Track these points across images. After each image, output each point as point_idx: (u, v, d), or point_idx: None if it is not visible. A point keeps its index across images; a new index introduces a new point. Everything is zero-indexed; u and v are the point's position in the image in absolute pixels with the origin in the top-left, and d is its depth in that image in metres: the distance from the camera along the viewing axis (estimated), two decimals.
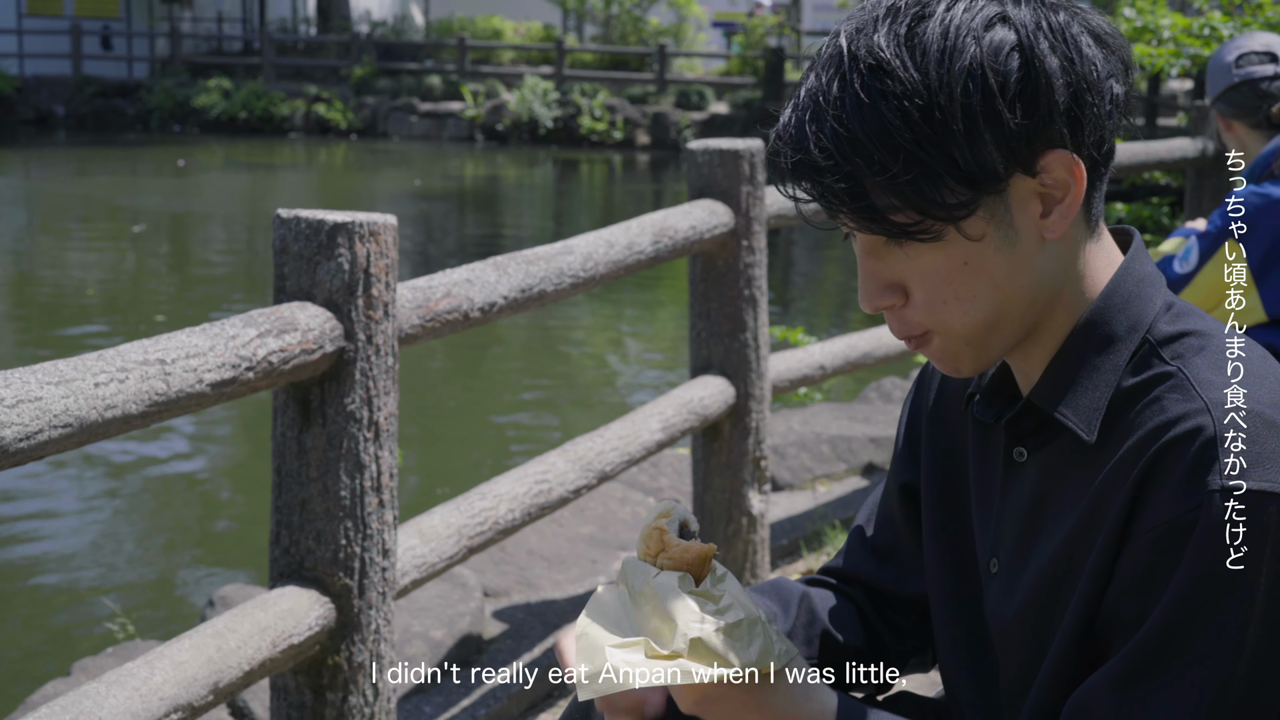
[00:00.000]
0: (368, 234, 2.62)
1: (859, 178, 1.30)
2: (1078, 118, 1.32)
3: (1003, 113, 1.29)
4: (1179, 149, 6.34)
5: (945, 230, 1.32)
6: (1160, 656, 1.29)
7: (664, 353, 10.80)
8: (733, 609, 1.33)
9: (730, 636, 1.32)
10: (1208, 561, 1.27)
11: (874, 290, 1.39)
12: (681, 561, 1.35)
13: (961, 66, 1.28)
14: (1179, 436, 1.29)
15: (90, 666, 3.85)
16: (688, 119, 27.13)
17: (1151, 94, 18.49)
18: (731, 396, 4.12)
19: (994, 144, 1.30)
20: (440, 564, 2.99)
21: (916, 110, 1.28)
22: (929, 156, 1.29)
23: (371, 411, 2.67)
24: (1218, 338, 1.37)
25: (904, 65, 1.29)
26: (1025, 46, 1.30)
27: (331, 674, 2.70)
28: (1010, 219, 1.34)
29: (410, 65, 30.30)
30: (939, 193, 1.30)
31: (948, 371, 1.43)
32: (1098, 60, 1.34)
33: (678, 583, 1.34)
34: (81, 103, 30.14)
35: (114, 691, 2.24)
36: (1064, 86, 1.31)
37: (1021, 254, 1.35)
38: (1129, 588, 1.31)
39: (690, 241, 3.87)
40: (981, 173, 1.30)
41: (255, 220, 17.73)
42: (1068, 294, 1.40)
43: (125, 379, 2.16)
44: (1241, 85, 3.57)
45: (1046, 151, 1.32)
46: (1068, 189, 1.34)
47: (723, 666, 1.31)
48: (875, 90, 1.29)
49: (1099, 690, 1.32)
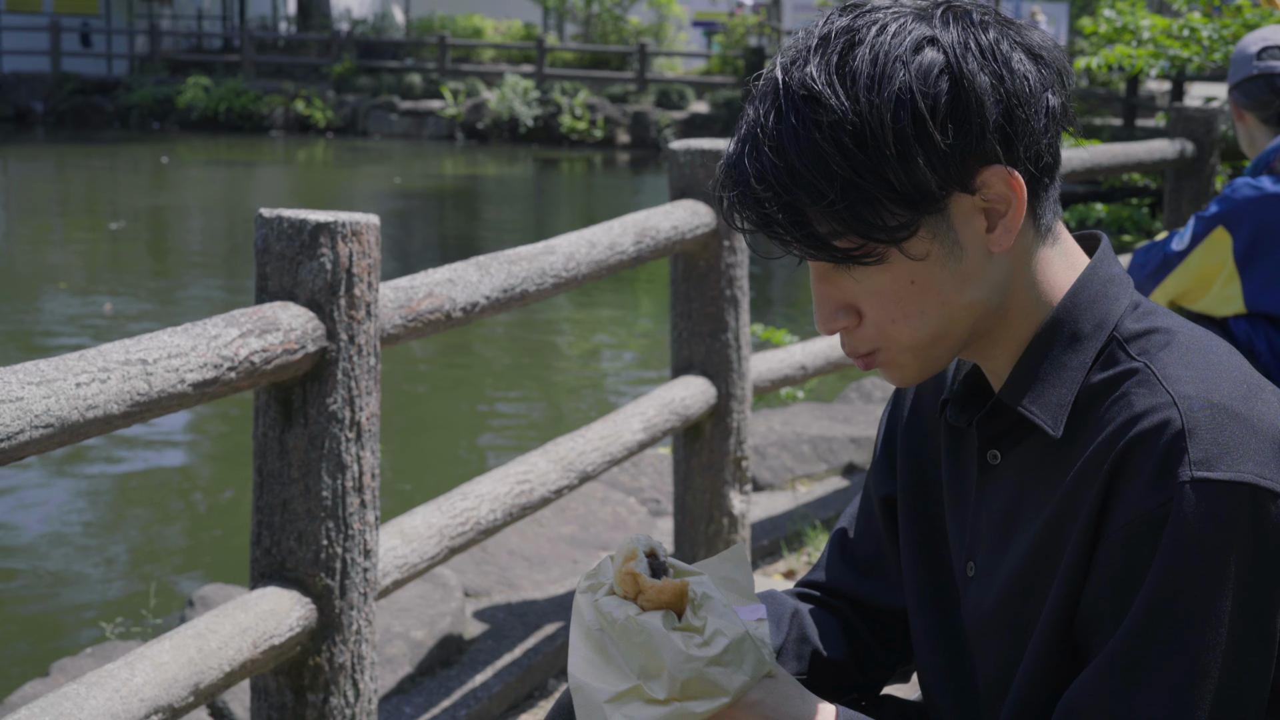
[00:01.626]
0: (350, 234, 2.61)
1: (799, 207, 1.33)
2: (1009, 134, 1.34)
3: (934, 135, 1.31)
4: (1158, 150, 6.35)
5: (888, 252, 1.35)
6: (1143, 651, 1.30)
7: (645, 353, 10.81)
8: (718, 637, 1.35)
9: (720, 665, 1.34)
10: (1182, 554, 1.28)
11: (828, 313, 1.42)
12: (659, 601, 1.37)
13: (891, 92, 1.31)
14: (1147, 430, 1.31)
15: (69, 667, 3.83)
16: (668, 118, 27.14)
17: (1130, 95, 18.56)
18: (713, 397, 4.13)
19: (927, 165, 1.32)
20: (422, 564, 2.98)
21: (849, 137, 1.31)
22: (865, 182, 1.31)
23: (354, 412, 2.66)
24: (1183, 334, 1.39)
25: (835, 94, 1.31)
26: (954, 67, 1.32)
27: (312, 675, 2.69)
28: (955, 236, 1.36)
29: (390, 63, 30.25)
30: (879, 216, 1.33)
31: (899, 383, 1.46)
32: (1030, 75, 1.35)
33: (661, 621, 1.35)
34: (60, 100, 30.02)
35: (94, 693, 2.24)
36: (994, 104, 1.33)
37: (969, 268, 1.37)
38: (1106, 585, 1.32)
39: (672, 241, 3.87)
40: (918, 194, 1.32)
41: (235, 218, 17.68)
42: (1025, 300, 1.42)
43: (107, 379, 2.15)
44: (1259, 78, 3.62)
45: (982, 168, 1.34)
46: (1009, 203, 1.36)
47: (719, 697, 1.34)
48: (809, 120, 1.32)
49: (1087, 690, 1.33)
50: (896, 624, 1.67)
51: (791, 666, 1.63)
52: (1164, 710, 1.29)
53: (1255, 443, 1.30)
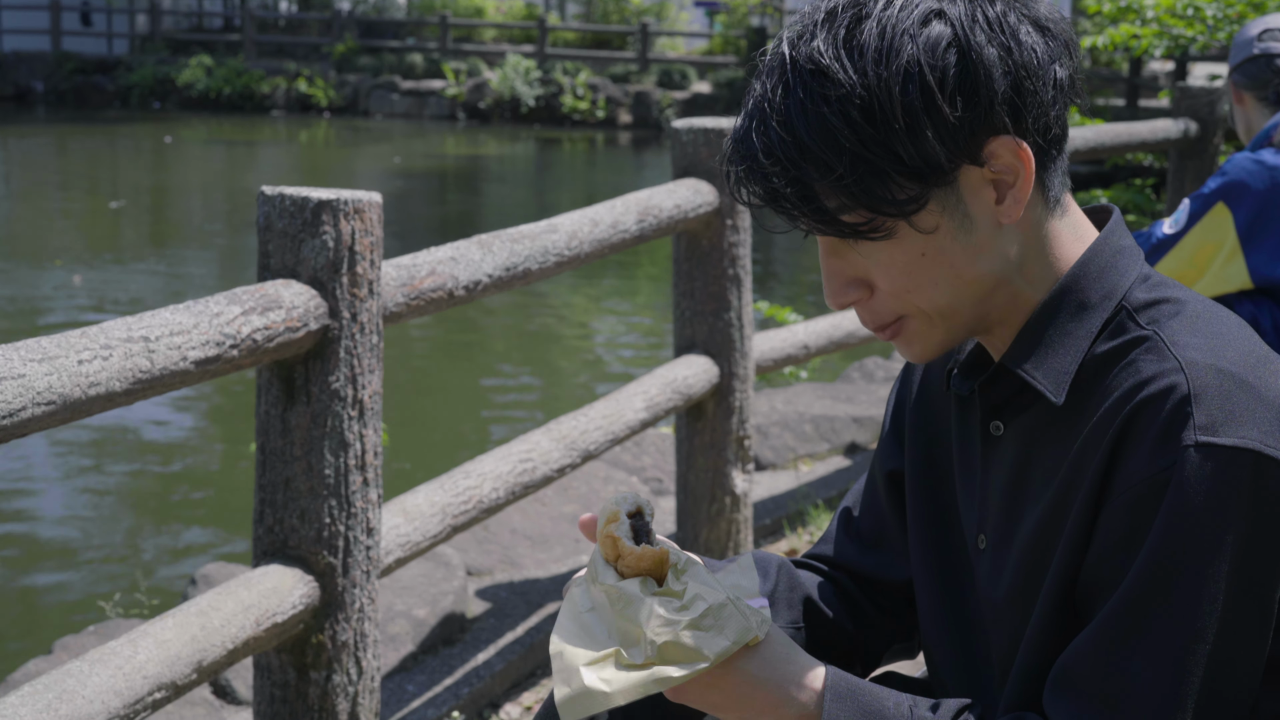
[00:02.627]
0: (352, 211, 2.61)
1: (807, 181, 1.33)
2: (1018, 105, 1.34)
3: (943, 108, 1.31)
4: (1161, 130, 6.34)
5: (898, 226, 1.35)
6: (1139, 615, 1.30)
7: (648, 332, 10.80)
8: (697, 601, 1.34)
9: (699, 629, 1.33)
10: (1182, 518, 1.28)
11: (838, 287, 1.42)
12: (639, 568, 1.36)
13: (899, 65, 1.31)
14: (1153, 395, 1.31)
15: (72, 645, 3.84)
16: (670, 98, 27.09)
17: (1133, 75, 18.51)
18: (715, 376, 4.12)
19: (936, 138, 1.32)
20: (424, 543, 2.98)
21: (858, 111, 1.31)
22: (874, 155, 1.31)
23: (356, 390, 2.66)
24: (1193, 304, 1.39)
25: (843, 68, 1.31)
26: (961, 39, 1.32)
27: (315, 652, 2.70)
28: (964, 208, 1.36)
29: (392, 43, 30.18)
30: (887, 190, 1.33)
31: (916, 357, 1.45)
32: (1038, 47, 1.35)
33: (639, 587, 1.35)
34: (61, 79, 29.97)
35: (97, 670, 2.24)
36: (1003, 75, 1.33)
37: (979, 240, 1.38)
38: (1108, 548, 1.32)
39: (674, 220, 3.86)
40: (927, 167, 1.33)
41: (237, 197, 17.66)
42: (1033, 272, 1.42)
43: (109, 356, 2.15)
44: (1259, 58, 3.66)
45: (990, 139, 1.34)
46: (1018, 173, 1.36)
47: (698, 662, 1.32)
48: (817, 95, 1.32)
49: (1083, 651, 1.33)
50: (899, 597, 1.68)
51: (784, 616, 1.63)
52: (1158, 674, 1.29)
53: (1261, 410, 1.30)
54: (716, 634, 1.33)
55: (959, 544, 1.55)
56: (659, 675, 1.32)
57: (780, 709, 1.38)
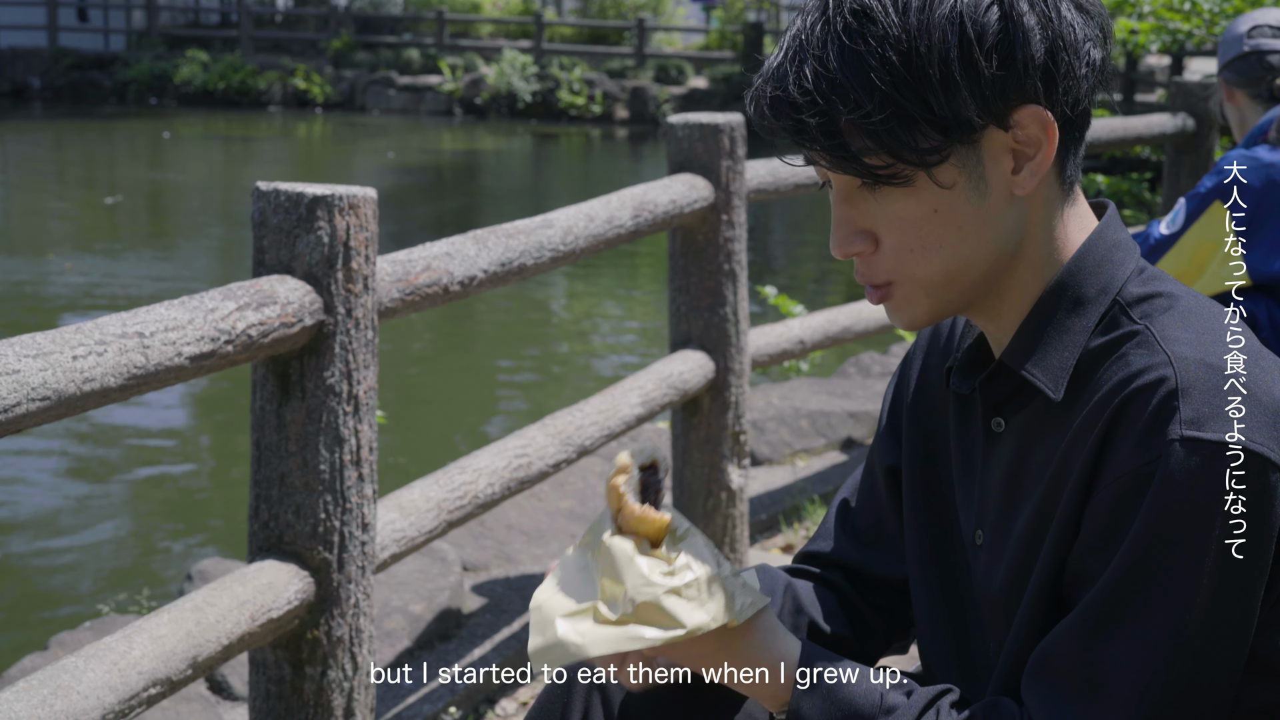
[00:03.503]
0: (347, 207, 2.61)
1: (834, 116, 1.34)
2: (1052, 74, 1.35)
3: (979, 62, 1.32)
4: (1157, 124, 6.34)
5: (916, 175, 1.35)
6: (1120, 605, 1.31)
7: (644, 327, 10.80)
8: (686, 570, 1.33)
9: (681, 597, 1.32)
10: (1166, 511, 1.29)
11: (845, 236, 1.42)
12: (638, 529, 1.35)
13: (941, 14, 1.31)
14: (1141, 388, 1.31)
15: (68, 641, 3.84)
16: (666, 93, 27.07)
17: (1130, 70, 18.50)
18: (711, 371, 4.12)
19: (969, 92, 1.32)
20: (419, 538, 2.98)
21: (895, 54, 1.31)
22: (905, 100, 1.32)
23: (351, 385, 2.66)
24: (1186, 299, 1.39)
25: (885, 11, 1.32)
26: (1005, 2, 1.33)
27: (310, 648, 2.70)
28: (982, 171, 1.37)
29: (388, 38, 30.16)
30: (912, 137, 1.33)
31: (902, 323, 1.45)
32: (1076, 23, 1.36)
33: (633, 547, 1.33)
34: (57, 75, 29.92)
35: (92, 665, 2.24)
36: (1040, 42, 1.34)
37: (990, 207, 1.38)
38: (1094, 540, 1.33)
39: (670, 216, 3.86)
40: (955, 120, 1.33)
41: (232, 192, 17.65)
42: (1037, 255, 1.42)
43: (104, 352, 2.15)
44: (1250, 55, 3.64)
45: (1021, 106, 1.35)
46: (1040, 145, 1.36)
47: (674, 629, 1.31)
48: (857, 33, 1.32)
49: (1062, 639, 1.34)
50: (895, 594, 1.68)
51: None
52: (1137, 664, 1.30)
53: (1249, 406, 1.30)
54: (697, 606, 1.32)
55: (955, 540, 1.55)
56: (632, 633, 1.31)
57: (758, 687, 1.39)
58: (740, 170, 4.09)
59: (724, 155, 4.04)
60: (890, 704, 1.38)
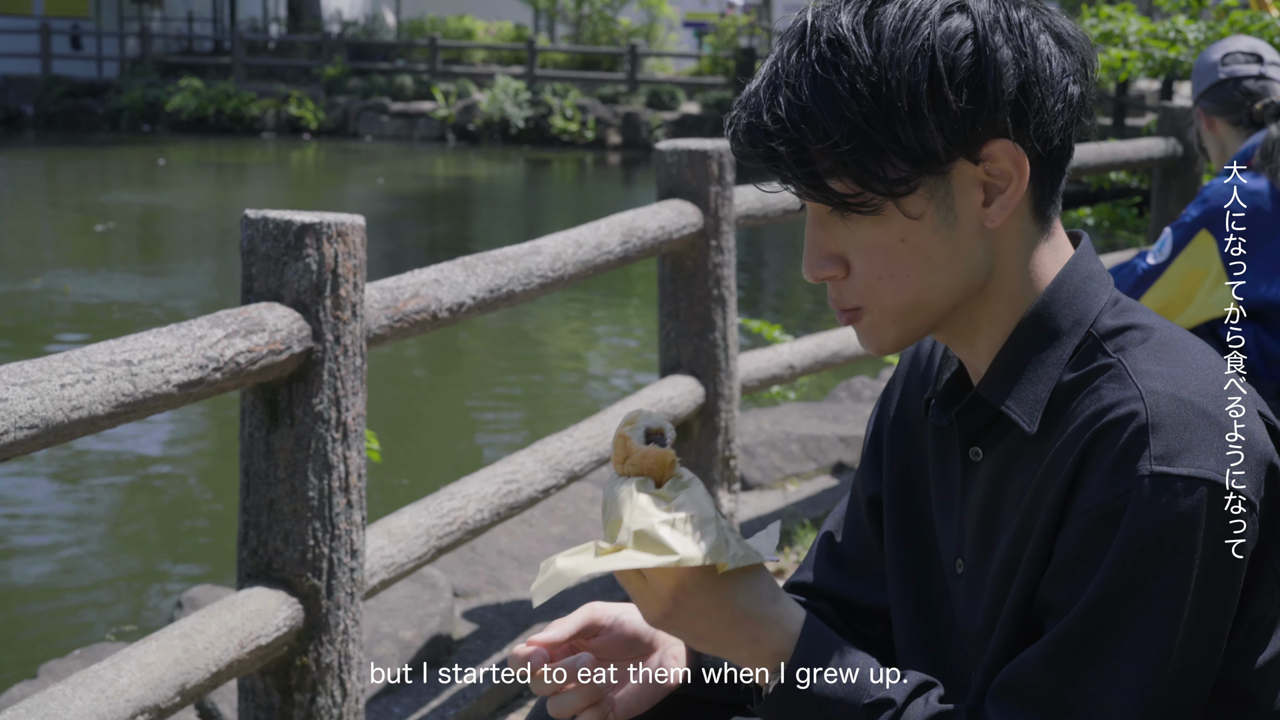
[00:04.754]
0: (335, 234, 2.62)
1: (805, 145, 1.35)
2: (1024, 109, 1.35)
3: (948, 96, 1.32)
4: (1145, 149, 6.37)
5: (884, 204, 1.36)
6: (1090, 638, 1.31)
7: (634, 353, 10.81)
8: (685, 507, 1.35)
9: (676, 529, 1.34)
10: (1136, 546, 1.29)
11: (816, 260, 1.43)
12: (641, 466, 1.37)
13: (913, 47, 1.33)
14: (1112, 422, 1.32)
15: (57, 669, 3.83)
16: (659, 119, 27.14)
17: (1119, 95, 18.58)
18: (701, 396, 4.13)
19: (937, 125, 1.33)
20: (409, 564, 2.99)
21: (865, 85, 1.33)
22: (873, 131, 1.33)
23: (340, 412, 2.67)
24: (1160, 331, 1.40)
25: (859, 41, 1.34)
26: (980, 35, 1.34)
27: (299, 675, 2.70)
28: (951, 202, 1.37)
29: (381, 65, 30.22)
30: (880, 167, 1.34)
31: (871, 348, 1.47)
32: (1054, 58, 1.37)
33: (635, 485, 1.36)
34: (51, 102, 29.96)
35: (80, 694, 2.24)
36: (1013, 77, 1.34)
37: (959, 239, 1.39)
38: (1061, 571, 1.33)
39: (659, 241, 3.88)
40: (923, 152, 1.34)
41: (223, 220, 17.66)
42: (1010, 287, 1.42)
43: (92, 380, 2.16)
44: (1226, 82, 3.65)
45: (991, 140, 1.35)
46: (1010, 179, 1.37)
47: (667, 556, 1.33)
48: (830, 63, 1.34)
49: (1031, 665, 1.34)
50: (883, 624, 1.67)
51: None
52: (1104, 696, 1.30)
53: (1219, 440, 1.30)
54: (692, 541, 1.34)
55: (936, 569, 1.55)
56: (627, 557, 1.33)
57: (755, 645, 1.39)
58: (729, 196, 4.11)
59: (713, 181, 4.06)
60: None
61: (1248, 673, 1.36)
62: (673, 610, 1.38)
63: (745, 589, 1.38)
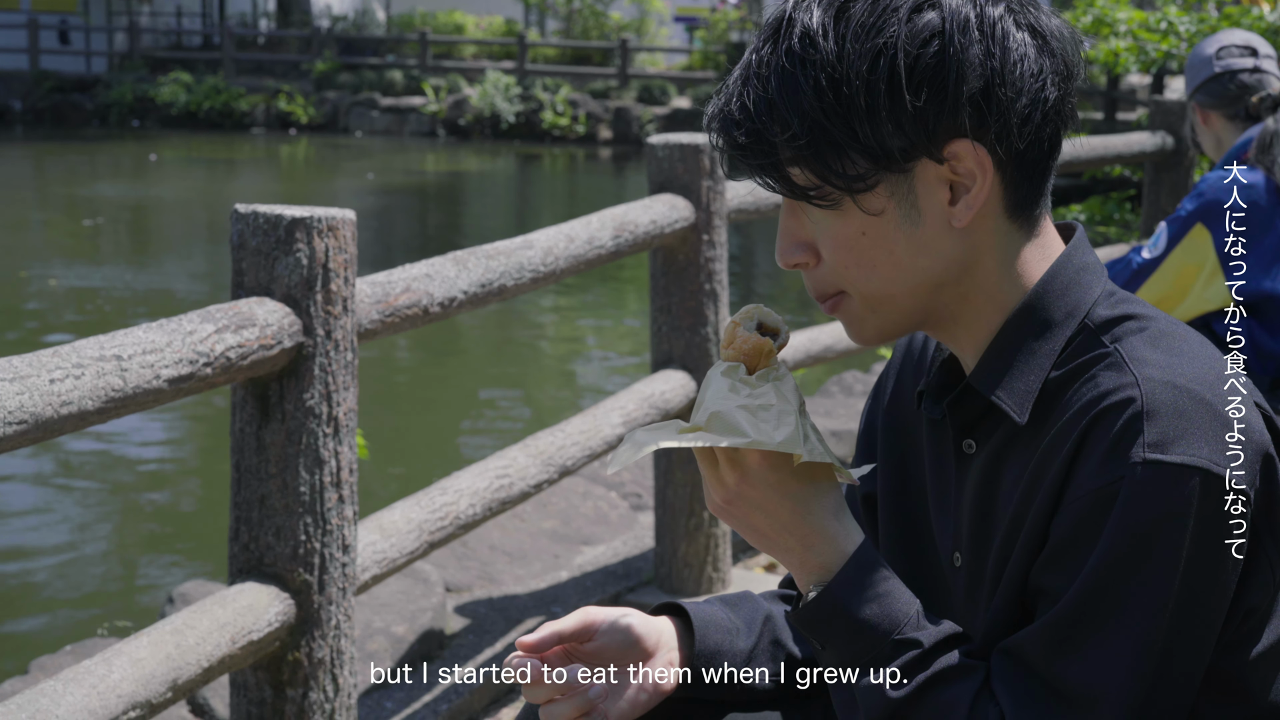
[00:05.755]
0: (326, 229, 2.61)
1: (767, 136, 1.36)
2: (984, 110, 1.34)
3: (904, 95, 1.32)
4: (1137, 143, 6.37)
5: (843, 199, 1.37)
6: (1084, 623, 1.31)
7: (626, 347, 10.80)
8: (765, 396, 1.36)
9: (755, 415, 1.35)
10: (1129, 532, 1.29)
11: (787, 246, 1.44)
12: (741, 351, 1.39)
13: (875, 44, 1.33)
14: (1108, 408, 1.32)
15: (49, 664, 3.82)
16: (650, 114, 27.12)
17: (1111, 89, 18.59)
18: (692, 391, 4.13)
19: (894, 124, 1.33)
20: (401, 559, 2.98)
21: (828, 81, 1.33)
22: (832, 126, 1.34)
23: (331, 407, 2.66)
24: (1157, 320, 1.40)
25: (826, 36, 1.34)
26: (946, 34, 1.33)
27: (291, 670, 2.69)
28: (915, 199, 1.37)
29: (372, 60, 30.18)
30: (840, 162, 1.35)
31: (853, 337, 1.46)
32: (1027, 59, 1.35)
33: (725, 369, 1.38)
34: (39, 97, 29.88)
35: (71, 689, 2.23)
36: (977, 78, 1.33)
37: (925, 236, 1.38)
38: (1055, 556, 1.34)
39: (650, 236, 3.87)
40: (881, 150, 1.34)
41: (213, 215, 17.63)
42: (991, 285, 1.42)
43: (81, 375, 2.15)
44: (1222, 76, 3.63)
45: (954, 140, 1.35)
46: (976, 179, 1.36)
47: (739, 436, 1.34)
48: (798, 58, 1.34)
49: (1031, 641, 1.34)
50: None
51: (766, 666, 1.62)
52: (1099, 681, 1.31)
53: (1214, 429, 1.30)
54: (771, 427, 1.35)
55: (934, 563, 1.55)
56: (701, 436, 1.34)
57: (806, 552, 1.40)
58: (721, 190, 4.10)
59: (704, 175, 4.05)
60: (921, 623, 1.38)
61: (1242, 663, 1.36)
62: (735, 498, 1.39)
63: (812, 494, 1.39)
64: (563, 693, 1.48)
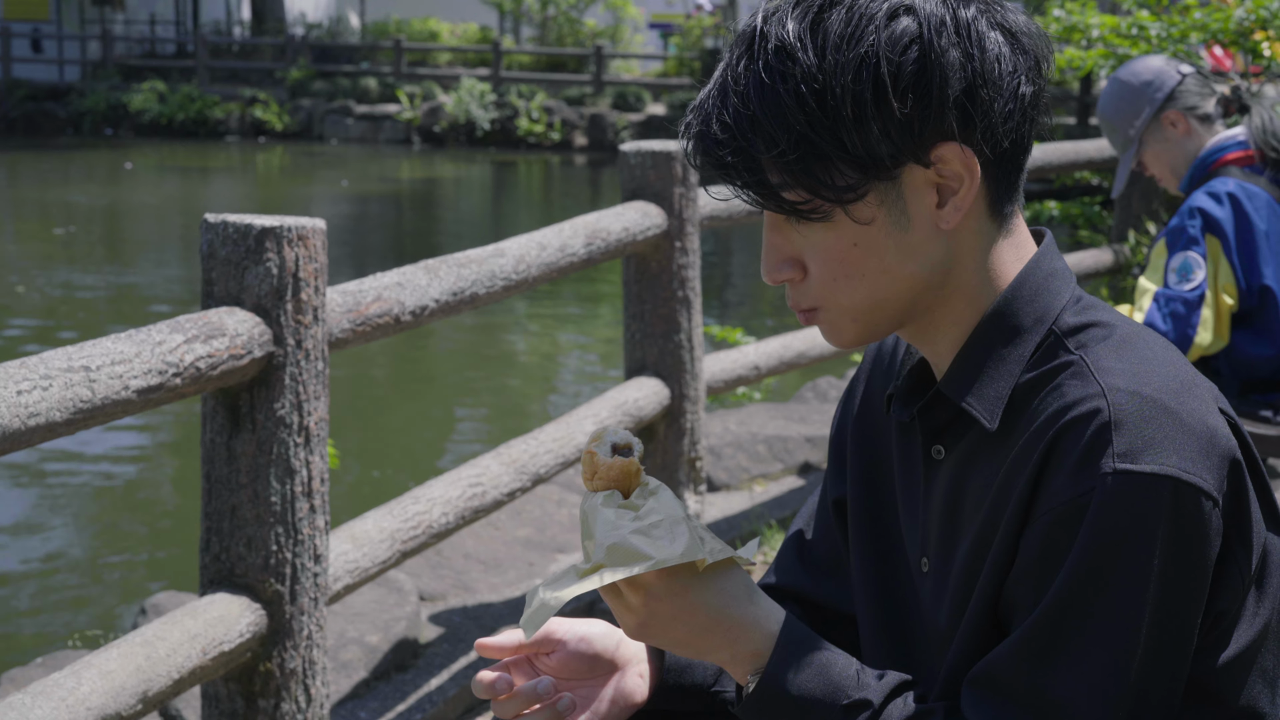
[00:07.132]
0: (296, 238, 2.60)
1: (753, 154, 1.35)
2: (970, 112, 1.34)
3: (892, 102, 1.32)
4: (1108, 148, 6.39)
5: (834, 211, 1.36)
6: (1059, 636, 1.31)
7: (599, 355, 10.80)
8: (652, 513, 1.35)
9: (648, 536, 1.33)
10: (1100, 543, 1.29)
11: (774, 263, 1.43)
12: (608, 479, 1.37)
13: (857, 54, 1.32)
14: (1075, 419, 1.32)
15: (19, 677, 3.80)
16: (625, 120, 27.14)
17: (1083, 94, 18.68)
18: (666, 398, 4.13)
19: (882, 131, 1.33)
20: (373, 569, 2.97)
21: (811, 94, 1.32)
22: (819, 138, 1.33)
23: (302, 416, 2.65)
24: (1122, 328, 1.39)
25: (804, 48, 1.33)
26: (925, 38, 1.33)
27: (263, 681, 2.68)
28: (903, 205, 1.37)
29: (346, 67, 30.14)
30: (829, 175, 1.34)
31: (833, 343, 1.46)
32: (1003, 58, 1.36)
33: (602, 500, 1.36)
34: (11, 106, 29.75)
35: (39, 703, 2.22)
36: (959, 80, 1.33)
37: (914, 241, 1.38)
38: (1027, 570, 1.33)
39: (623, 243, 3.87)
40: (870, 158, 1.34)
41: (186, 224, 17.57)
42: (969, 285, 1.42)
43: (49, 386, 2.14)
44: (1186, 79, 3.58)
45: (940, 143, 1.35)
46: (963, 181, 1.36)
47: (643, 560, 1.33)
48: (776, 71, 1.33)
49: (1003, 661, 1.34)
50: (852, 627, 1.66)
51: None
52: (1076, 694, 1.30)
53: (1182, 437, 1.30)
54: (667, 542, 1.33)
55: (903, 568, 1.55)
56: (603, 575, 1.33)
57: (734, 646, 1.38)
58: (693, 197, 4.11)
59: (677, 183, 4.05)
60: (864, 681, 1.38)
61: (1212, 668, 1.37)
62: (647, 619, 1.37)
63: (718, 590, 1.38)
64: (532, 705, 1.48)
